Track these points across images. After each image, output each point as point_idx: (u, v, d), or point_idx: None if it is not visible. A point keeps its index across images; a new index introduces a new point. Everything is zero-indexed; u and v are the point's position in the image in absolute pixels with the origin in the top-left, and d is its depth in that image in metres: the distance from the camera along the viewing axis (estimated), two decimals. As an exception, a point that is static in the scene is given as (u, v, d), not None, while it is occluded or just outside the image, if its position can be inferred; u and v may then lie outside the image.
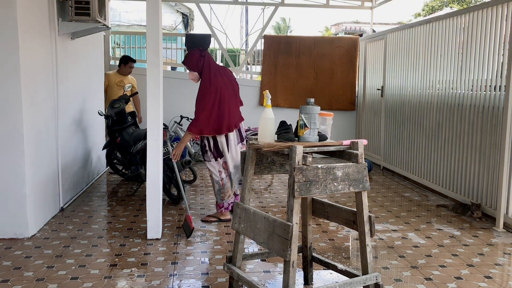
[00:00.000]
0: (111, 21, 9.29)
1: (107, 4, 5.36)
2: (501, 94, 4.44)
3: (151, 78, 3.79)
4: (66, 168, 4.93)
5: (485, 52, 4.70)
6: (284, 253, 2.33)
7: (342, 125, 8.16)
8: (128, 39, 8.76)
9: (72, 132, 5.18)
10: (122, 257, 3.51)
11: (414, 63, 6.20)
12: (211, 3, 8.77)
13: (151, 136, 3.85)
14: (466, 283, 3.14)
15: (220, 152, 4.35)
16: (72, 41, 5.19)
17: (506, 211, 4.35)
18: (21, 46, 3.74)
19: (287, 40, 8.23)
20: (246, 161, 2.76)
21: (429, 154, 5.80)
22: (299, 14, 55.73)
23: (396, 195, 5.66)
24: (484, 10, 4.73)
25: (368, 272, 2.62)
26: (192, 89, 7.88)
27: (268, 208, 5.02)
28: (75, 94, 5.35)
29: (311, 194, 2.37)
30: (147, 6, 3.75)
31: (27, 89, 3.87)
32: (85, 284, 3.02)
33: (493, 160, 4.57)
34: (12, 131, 3.79)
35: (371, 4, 8.22)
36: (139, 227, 4.24)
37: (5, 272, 3.18)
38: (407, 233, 4.19)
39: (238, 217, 2.76)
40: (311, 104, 2.62)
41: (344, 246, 3.86)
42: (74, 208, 4.83)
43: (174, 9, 16.78)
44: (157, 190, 3.89)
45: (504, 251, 3.78)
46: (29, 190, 3.91)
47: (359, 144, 2.59)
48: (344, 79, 8.15)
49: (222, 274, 3.21)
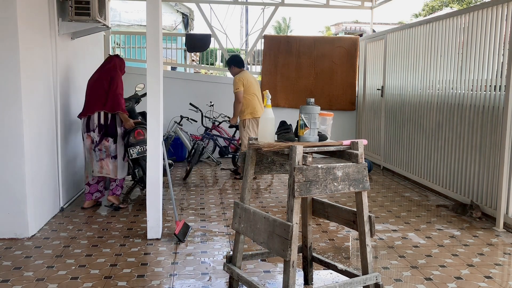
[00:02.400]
0: (111, 21, 9.29)
1: (107, 4, 5.36)
2: (501, 94, 4.44)
3: (151, 78, 3.79)
4: (66, 168, 4.93)
5: (485, 52, 4.70)
6: (284, 253, 2.33)
7: (342, 125, 8.16)
8: (128, 39, 8.75)
9: (72, 132, 5.18)
10: (122, 257, 3.51)
11: (414, 63, 6.20)
12: (211, 3, 8.77)
13: (151, 136, 3.85)
14: (466, 283, 3.14)
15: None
16: (72, 41, 5.19)
17: (506, 211, 4.35)
18: (21, 46, 3.74)
19: (287, 40, 8.22)
20: (246, 161, 2.76)
21: (429, 154, 5.80)
22: (299, 14, 55.79)
23: (396, 195, 5.66)
24: (484, 10, 4.73)
25: (368, 272, 2.62)
26: (192, 89, 7.92)
27: (268, 208, 5.02)
28: (75, 94, 5.35)
29: (311, 194, 2.37)
30: (147, 6, 3.75)
31: (27, 89, 3.87)
32: (85, 284, 3.02)
33: (493, 160, 4.57)
34: (12, 131, 3.79)
35: (371, 4, 8.22)
36: (139, 227, 4.24)
37: (5, 272, 3.18)
38: (407, 233, 4.19)
39: (238, 217, 2.76)
40: (311, 104, 2.62)
41: (344, 246, 3.86)
42: (74, 208, 4.83)
43: (174, 9, 16.78)
44: (157, 190, 3.89)
45: (504, 251, 3.78)
46: (29, 190, 3.91)
47: (359, 144, 2.59)
48: (344, 79, 8.15)
49: (222, 274, 3.21)
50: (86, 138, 4.72)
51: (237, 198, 5.21)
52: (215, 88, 7.95)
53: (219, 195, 5.51)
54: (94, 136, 4.69)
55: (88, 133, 4.70)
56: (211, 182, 6.31)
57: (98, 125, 4.69)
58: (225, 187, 6.00)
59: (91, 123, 4.69)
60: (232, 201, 5.22)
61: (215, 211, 4.84)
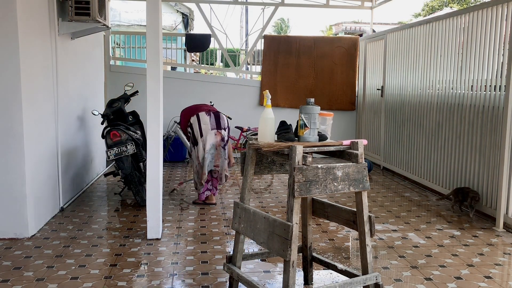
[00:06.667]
0: (111, 21, 9.28)
1: (107, 4, 5.36)
2: (501, 94, 4.44)
3: (151, 78, 3.79)
4: (66, 168, 4.93)
5: (485, 52, 4.70)
6: (284, 253, 2.33)
7: (342, 125, 8.16)
8: (128, 39, 8.75)
9: (72, 132, 5.18)
10: (122, 257, 3.51)
11: (414, 63, 6.20)
12: (211, 3, 8.77)
13: (151, 136, 3.85)
14: (466, 283, 3.14)
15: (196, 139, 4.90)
16: (72, 41, 5.19)
17: (506, 211, 4.35)
18: (21, 46, 3.74)
19: (287, 40, 8.22)
20: (246, 161, 2.76)
21: (429, 154, 5.80)
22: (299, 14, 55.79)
23: (396, 195, 5.66)
24: (484, 10, 4.73)
25: (368, 272, 2.62)
26: (192, 89, 7.91)
27: (268, 208, 5.02)
28: (75, 94, 5.35)
29: (311, 194, 2.37)
30: (147, 6, 3.75)
31: (27, 89, 3.87)
32: (85, 284, 3.02)
33: (493, 160, 4.57)
34: (12, 131, 3.79)
35: (371, 4, 8.22)
36: (139, 227, 4.24)
37: (5, 272, 3.18)
38: (407, 233, 4.19)
39: (238, 217, 2.76)
40: (311, 104, 2.62)
41: (344, 246, 3.86)
42: (74, 208, 4.83)
43: (174, 9, 16.77)
44: (157, 190, 3.89)
45: (504, 251, 3.78)
46: (29, 190, 3.91)
47: (359, 144, 2.59)
48: (344, 79, 8.14)
49: (222, 274, 3.21)
50: (216, 135, 4.87)
51: (237, 198, 5.21)
52: (215, 88, 7.95)
53: (219, 195, 5.51)
54: (224, 135, 4.92)
55: (219, 130, 4.90)
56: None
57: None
58: (225, 187, 6.00)
59: (221, 121, 4.93)
60: (232, 201, 5.22)
61: (215, 211, 4.84)
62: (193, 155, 4.97)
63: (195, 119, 4.90)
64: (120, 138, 4.73)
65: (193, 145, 4.94)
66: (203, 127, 4.85)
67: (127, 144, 4.73)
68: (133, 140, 4.82)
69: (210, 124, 4.87)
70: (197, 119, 4.89)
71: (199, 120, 4.88)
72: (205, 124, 4.86)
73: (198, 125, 4.86)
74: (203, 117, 4.89)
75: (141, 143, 5.03)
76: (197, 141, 4.87)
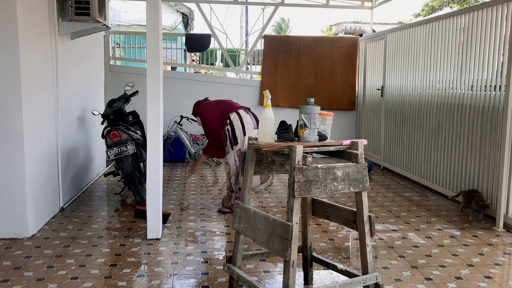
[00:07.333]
0: (111, 21, 9.29)
1: (107, 4, 5.36)
2: (501, 94, 4.44)
3: (151, 78, 3.79)
4: (66, 168, 4.93)
5: (485, 52, 4.70)
6: (284, 253, 2.33)
7: (342, 125, 8.16)
8: (128, 39, 8.75)
9: (72, 132, 5.18)
10: (122, 257, 3.51)
11: (414, 63, 6.20)
12: (211, 3, 8.77)
13: (151, 136, 3.85)
14: (466, 283, 3.14)
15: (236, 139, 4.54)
16: (72, 41, 5.19)
17: (506, 211, 4.35)
18: (21, 46, 3.74)
19: (287, 40, 8.22)
20: (246, 161, 2.76)
21: (429, 154, 5.80)
22: (299, 14, 55.80)
23: (396, 195, 5.66)
24: (484, 10, 4.73)
25: (368, 272, 2.62)
26: (192, 89, 7.92)
27: (268, 208, 5.02)
28: (75, 94, 5.35)
29: (311, 194, 2.37)
30: (147, 6, 3.75)
31: (27, 89, 3.87)
32: (85, 284, 3.02)
33: (493, 160, 4.57)
34: (12, 131, 3.79)
35: (371, 4, 8.22)
36: (139, 227, 4.24)
37: (5, 272, 3.18)
38: (407, 233, 4.19)
39: (238, 217, 2.76)
40: (311, 104, 2.62)
41: (344, 246, 3.86)
42: (74, 208, 4.83)
43: (174, 9, 16.78)
44: (157, 190, 3.89)
45: (504, 251, 3.78)
46: (29, 190, 3.91)
47: (359, 144, 2.59)
48: (344, 79, 8.14)
49: (222, 274, 3.21)
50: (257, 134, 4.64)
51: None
52: (215, 88, 7.95)
53: (219, 195, 5.51)
54: None
55: (256, 129, 4.59)
56: (211, 182, 6.32)
57: None
58: (225, 187, 5.99)
59: (257, 120, 4.65)
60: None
61: (215, 211, 4.84)
62: (229, 157, 4.58)
63: (236, 117, 4.53)
64: (120, 138, 4.73)
65: (231, 145, 4.54)
66: (246, 126, 4.51)
67: (127, 144, 4.73)
68: (133, 140, 4.82)
69: (252, 123, 4.56)
70: (238, 117, 4.53)
71: (241, 118, 4.53)
72: (247, 123, 4.53)
73: (241, 124, 4.51)
74: (244, 115, 4.56)
75: (141, 143, 5.03)
76: (237, 141, 4.51)
